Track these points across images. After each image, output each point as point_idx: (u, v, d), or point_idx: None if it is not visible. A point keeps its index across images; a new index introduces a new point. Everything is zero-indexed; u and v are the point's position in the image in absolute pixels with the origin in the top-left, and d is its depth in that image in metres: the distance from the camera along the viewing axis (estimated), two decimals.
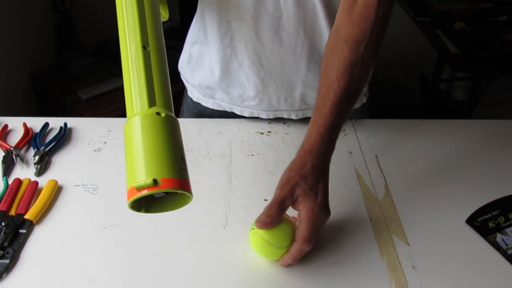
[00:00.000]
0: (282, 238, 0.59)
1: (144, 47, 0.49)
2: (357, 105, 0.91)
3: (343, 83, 0.63)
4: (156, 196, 0.48)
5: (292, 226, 0.61)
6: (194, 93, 0.93)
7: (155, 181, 0.42)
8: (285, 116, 0.89)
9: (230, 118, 0.91)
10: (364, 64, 0.64)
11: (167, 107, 0.47)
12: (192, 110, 0.96)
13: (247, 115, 0.89)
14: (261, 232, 0.59)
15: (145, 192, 0.42)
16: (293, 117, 0.88)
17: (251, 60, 0.81)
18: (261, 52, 0.80)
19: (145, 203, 0.48)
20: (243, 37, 0.79)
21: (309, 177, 0.60)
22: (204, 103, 0.92)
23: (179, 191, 0.44)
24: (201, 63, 0.88)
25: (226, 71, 0.84)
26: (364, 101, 0.92)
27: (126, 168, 0.45)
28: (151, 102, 0.46)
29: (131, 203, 0.44)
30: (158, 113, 0.46)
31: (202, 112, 0.94)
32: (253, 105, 0.87)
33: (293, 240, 0.60)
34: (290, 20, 0.76)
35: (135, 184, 0.42)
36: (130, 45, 0.49)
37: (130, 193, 0.43)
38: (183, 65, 0.94)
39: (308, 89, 0.84)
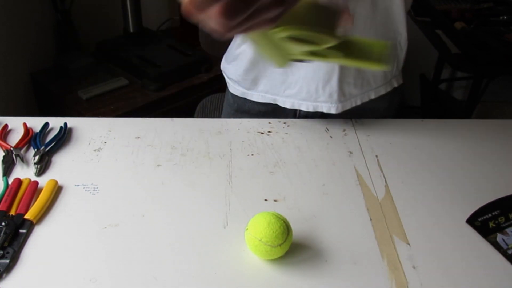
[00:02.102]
0: (275, 237, 0.59)
1: None
2: (388, 88, 0.91)
3: None
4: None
5: (285, 225, 0.61)
6: (238, 89, 0.96)
7: None
8: (324, 110, 0.88)
9: (266, 114, 0.93)
10: None
11: None
12: (232, 106, 1.00)
13: (288, 107, 0.91)
14: (254, 231, 0.60)
15: None
16: (333, 111, 0.88)
17: None
18: None
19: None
20: None
21: None
22: (249, 97, 0.95)
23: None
24: (243, 57, 0.91)
25: None
26: (395, 85, 0.92)
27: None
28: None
29: None
30: None
31: (241, 107, 0.97)
32: (293, 94, 0.88)
33: (286, 239, 0.60)
34: None
35: None
36: None
37: None
38: (225, 65, 0.98)
39: (345, 71, 0.84)
